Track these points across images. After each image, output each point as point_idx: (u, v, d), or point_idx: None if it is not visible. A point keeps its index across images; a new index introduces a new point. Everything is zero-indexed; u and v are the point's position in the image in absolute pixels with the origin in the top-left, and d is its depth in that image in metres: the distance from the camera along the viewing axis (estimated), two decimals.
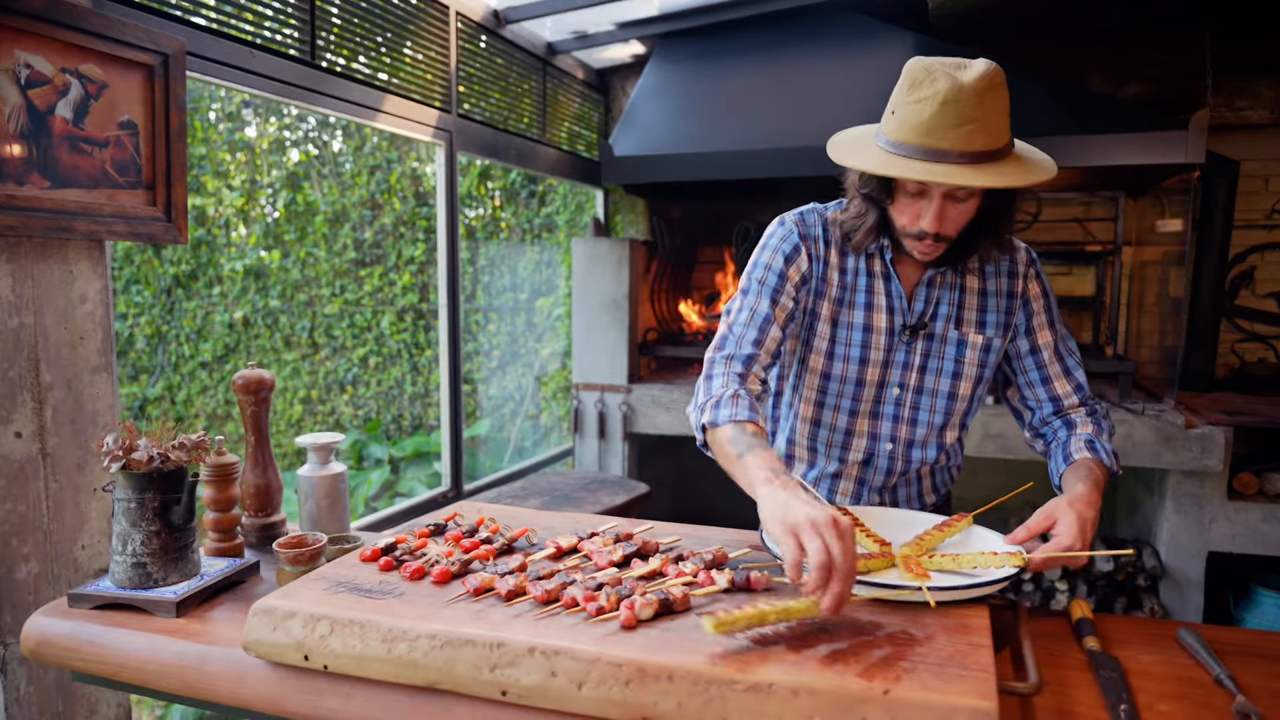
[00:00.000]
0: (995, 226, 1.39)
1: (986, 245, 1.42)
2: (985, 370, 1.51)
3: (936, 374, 1.51)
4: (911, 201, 1.35)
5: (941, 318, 1.49)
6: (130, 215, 1.81)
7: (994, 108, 1.24)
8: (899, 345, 1.50)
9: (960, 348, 1.49)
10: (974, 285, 1.50)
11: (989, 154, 1.25)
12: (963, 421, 1.55)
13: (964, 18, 3.53)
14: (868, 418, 1.54)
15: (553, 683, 1.02)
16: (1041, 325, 1.51)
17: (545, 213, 5.52)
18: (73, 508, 1.75)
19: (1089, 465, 1.38)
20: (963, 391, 1.51)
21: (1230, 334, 3.97)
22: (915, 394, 1.52)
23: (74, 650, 1.27)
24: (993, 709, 0.89)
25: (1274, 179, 3.84)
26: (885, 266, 1.49)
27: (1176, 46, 3.77)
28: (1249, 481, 3.22)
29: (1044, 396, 1.52)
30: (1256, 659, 1.15)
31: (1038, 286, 1.51)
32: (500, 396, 5.84)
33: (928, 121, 1.23)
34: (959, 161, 1.24)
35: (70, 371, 1.74)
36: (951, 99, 1.22)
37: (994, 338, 1.50)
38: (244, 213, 6.07)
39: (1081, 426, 1.47)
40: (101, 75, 1.73)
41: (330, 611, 1.13)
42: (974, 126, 1.22)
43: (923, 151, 1.25)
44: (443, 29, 3.15)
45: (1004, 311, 1.50)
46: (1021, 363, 1.53)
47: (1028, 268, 1.51)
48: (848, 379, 1.52)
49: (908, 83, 1.27)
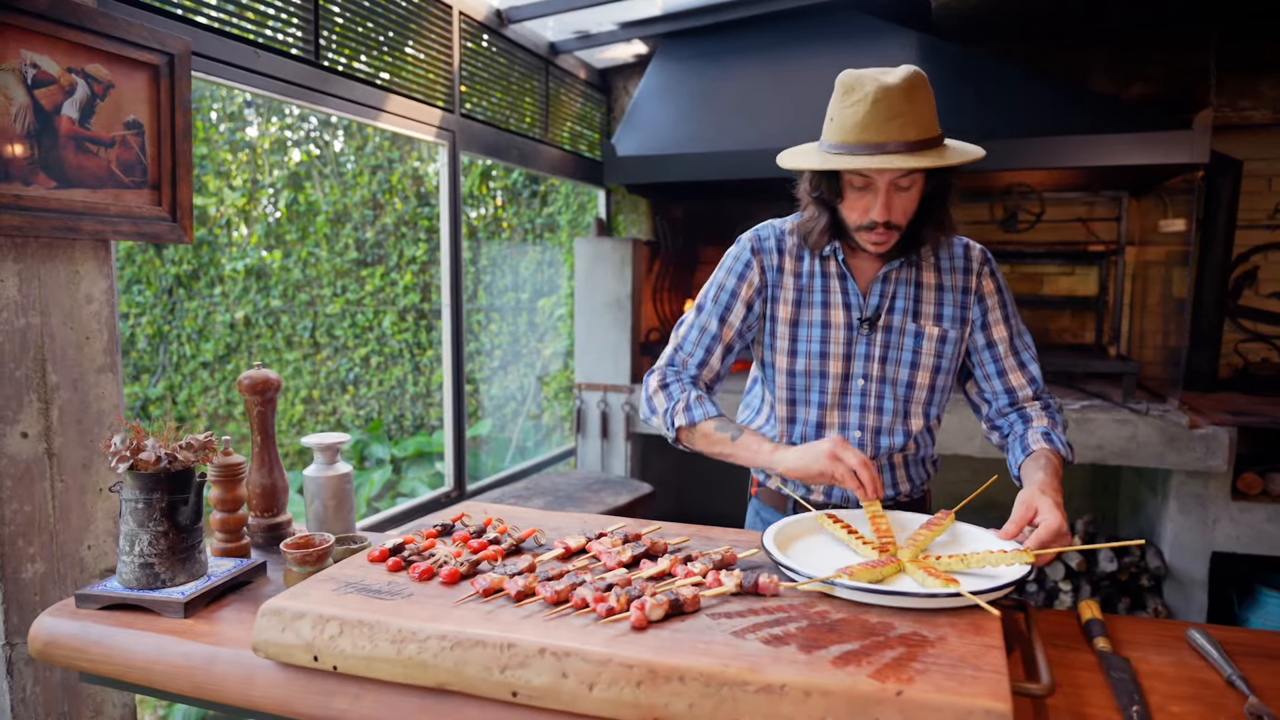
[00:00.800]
0: (937, 211, 1.50)
1: (931, 230, 1.51)
2: (943, 360, 1.59)
3: (896, 364, 1.59)
4: (859, 196, 1.46)
5: (899, 311, 1.58)
6: (136, 215, 1.80)
7: (921, 103, 1.38)
8: (858, 338, 1.59)
9: (918, 339, 1.58)
10: (930, 280, 1.59)
11: (923, 143, 1.38)
12: (926, 411, 1.61)
13: (967, 18, 3.53)
14: (837, 409, 1.62)
15: (564, 684, 1.01)
16: (997, 320, 1.60)
17: (547, 212, 5.52)
18: (78, 508, 1.75)
19: (1047, 455, 1.47)
20: (921, 380, 1.59)
21: (1233, 334, 3.97)
22: (879, 384, 1.59)
23: (81, 651, 1.27)
24: (1007, 710, 0.88)
25: (1277, 179, 3.84)
26: (839, 266, 1.60)
27: (1179, 46, 3.77)
28: (1253, 482, 3.21)
29: (999, 389, 1.61)
30: (1267, 659, 1.15)
31: (992, 283, 1.61)
32: (502, 396, 5.84)
33: (863, 120, 1.37)
34: (896, 151, 1.36)
35: (76, 372, 1.74)
36: (881, 97, 1.35)
37: (949, 329, 1.58)
38: (245, 212, 6.07)
39: (1037, 420, 1.57)
40: (107, 75, 1.72)
41: (339, 612, 1.13)
42: (904, 120, 1.36)
43: (863, 147, 1.38)
44: (445, 29, 3.14)
45: (959, 306, 1.59)
46: (979, 356, 1.62)
47: (982, 265, 1.61)
48: (812, 373, 1.61)
49: (841, 91, 1.41)
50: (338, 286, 6.06)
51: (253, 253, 6.06)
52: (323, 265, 6.06)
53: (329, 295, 6.10)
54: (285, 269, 6.08)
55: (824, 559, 1.30)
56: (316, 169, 6.16)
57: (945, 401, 1.65)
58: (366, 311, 6.04)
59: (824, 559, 1.30)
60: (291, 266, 6.08)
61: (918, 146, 1.37)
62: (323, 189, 6.12)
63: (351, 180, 6.04)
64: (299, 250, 6.03)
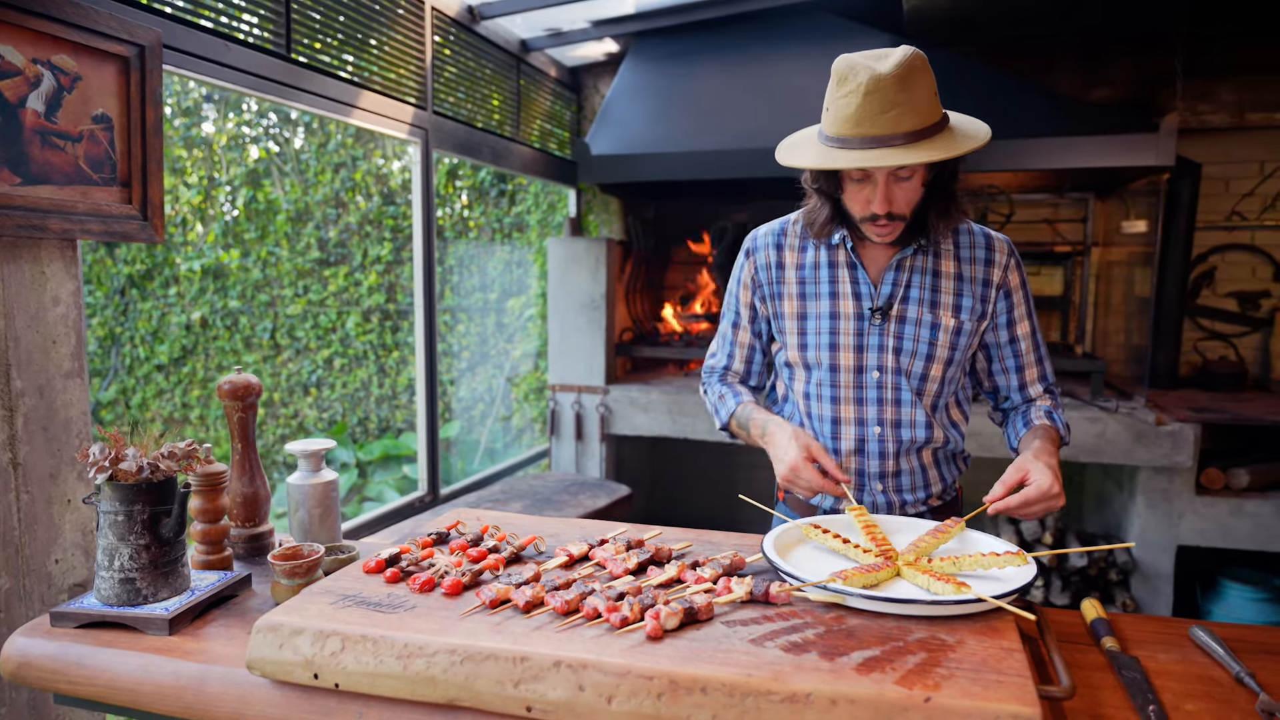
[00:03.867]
0: (941, 199, 1.45)
1: (934, 218, 1.47)
2: (956, 353, 1.54)
3: (911, 355, 1.54)
4: (859, 188, 1.42)
5: (913, 301, 1.53)
6: (105, 213, 1.72)
7: (918, 90, 1.32)
8: (870, 329, 1.54)
9: (934, 330, 1.53)
10: (949, 269, 1.54)
11: (920, 132, 1.33)
12: (938, 403, 1.57)
13: (938, 20, 3.57)
14: (852, 404, 1.57)
15: (580, 697, 0.98)
16: (1021, 316, 1.58)
17: (516, 212, 5.46)
18: (45, 520, 1.67)
19: (1045, 428, 1.50)
20: (934, 373, 1.54)
21: (1193, 333, 4.07)
22: (894, 375, 1.55)
23: (60, 672, 1.20)
24: (1036, 715, 0.88)
25: (1234, 181, 3.95)
26: (849, 255, 1.55)
27: (1143, 51, 3.85)
28: (1215, 477, 3.30)
29: (1014, 384, 1.61)
30: (1270, 656, 1.16)
31: (1017, 278, 1.57)
32: (470, 398, 5.76)
33: (856, 113, 1.32)
34: (893, 144, 1.32)
35: (43, 378, 1.66)
36: (873, 89, 1.30)
37: (966, 321, 1.54)
38: (201, 211, 5.90)
39: (1040, 401, 1.60)
40: (75, 67, 1.65)
41: (340, 627, 1.08)
42: (899, 111, 1.31)
43: (858, 141, 1.33)
44: (418, 24, 3.08)
45: (979, 299, 1.54)
46: (1000, 350, 1.60)
47: (1007, 259, 1.56)
48: (822, 365, 1.57)
49: (835, 79, 1.37)
50: (299, 287, 5.92)
51: (210, 252, 5.90)
52: (283, 265, 5.91)
53: (290, 296, 5.96)
54: (244, 269, 5.93)
55: (828, 565, 1.28)
56: (276, 166, 6.02)
57: (960, 393, 1.62)
58: (329, 312, 5.91)
59: (828, 565, 1.28)
60: (250, 266, 5.92)
61: (915, 137, 1.32)
62: (283, 187, 5.98)
63: (313, 178, 5.90)
64: (258, 250, 5.88)
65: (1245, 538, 3.23)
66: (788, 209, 1.67)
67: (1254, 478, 3.25)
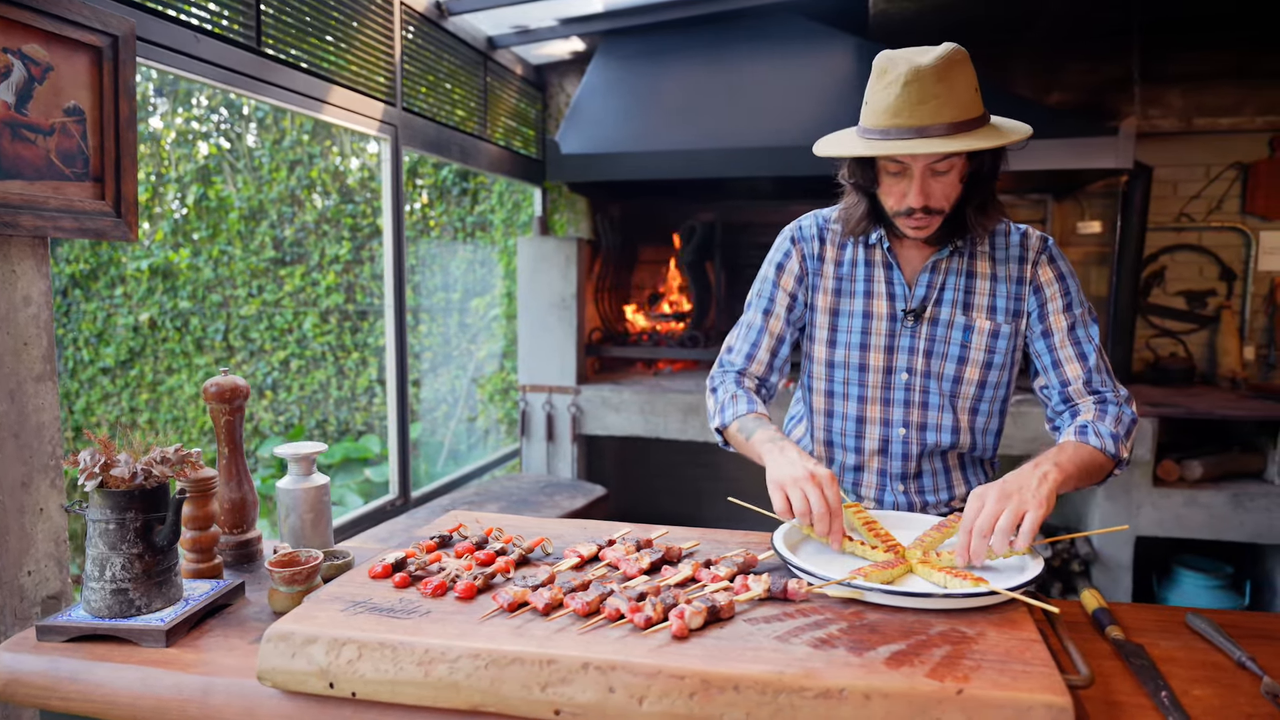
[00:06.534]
0: (979, 196, 1.43)
1: (973, 215, 1.44)
2: (995, 356, 1.51)
3: (943, 359, 1.52)
4: (895, 181, 1.41)
5: (947, 303, 1.51)
6: (78, 210, 1.66)
7: (958, 83, 1.31)
8: (902, 330, 1.53)
9: (967, 333, 1.50)
10: (984, 270, 1.51)
11: (959, 124, 1.31)
12: (975, 407, 1.53)
13: (902, 22, 3.63)
14: (878, 404, 1.55)
15: (610, 699, 0.97)
16: (1056, 310, 1.49)
17: (479, 211, 5.39)
18: (17, 530, 1.59)
19: (1061, 446, 1.37)
20: (969, 376, 1.51)
21: (1144, 330, 4.21)
22: (924, 378, 1.52)
23: (51, 689, 1.15)
24: (1068, 704, 0.89)
25: (1183, 184, 4.09)
26: (885, 255, 1.54)
27: (1097, 57, 3.97)
28: (1170, 469, 3.41)
29: (1054, 381, 1.50)
30: (1266, 640, 1.20)
31: (1051, 271, 1.50)
32: (433, 399, 5.67)
33: (894, 104, 1.31)
34: (930, 134, 1.30)
35: (13, 381, 1.58)
36: (913, 79, 1.29)
37: (1003, 323, 1.50)
38: (148, 208, 5.70)
39: (1084, 414, 1.44)
40: (46, 57, 1.58)
41: (356, 634, 1.05)
42: (938, 102, 1.29)
43: (895, 131, 1.32)
44: (387, 19, 3.03)
45: (1013, 298, 1.50)
46: (1036, 346, 1.52)
47: (1039, 254, 1.51)
48: (851, 364, 1.56)
49: (875, 72, 1.36)
50: (253, 287, 5.77)
51: (158, 251, 5.71)
52: (236, 264, 5.75)
53: (244, 296, 5.80)
54: (194, 268, 5.75)
55: (837, 560, 1.29)
56: (228, 162, 5.85)
57: (1002, 399, 1.56)
58: (285, 313, 5.77)
59: (837, 560, 1.29)
60: (201, 265, 5.75)
61: (955, 129, 1.30)
62: (235, 184, 5.82)
63: (267, 175, 5.76)
64: (209, 249, 5.71)
65: (1199, 527, 3.35)
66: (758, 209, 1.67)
67: (1207, 469, 3.38)
